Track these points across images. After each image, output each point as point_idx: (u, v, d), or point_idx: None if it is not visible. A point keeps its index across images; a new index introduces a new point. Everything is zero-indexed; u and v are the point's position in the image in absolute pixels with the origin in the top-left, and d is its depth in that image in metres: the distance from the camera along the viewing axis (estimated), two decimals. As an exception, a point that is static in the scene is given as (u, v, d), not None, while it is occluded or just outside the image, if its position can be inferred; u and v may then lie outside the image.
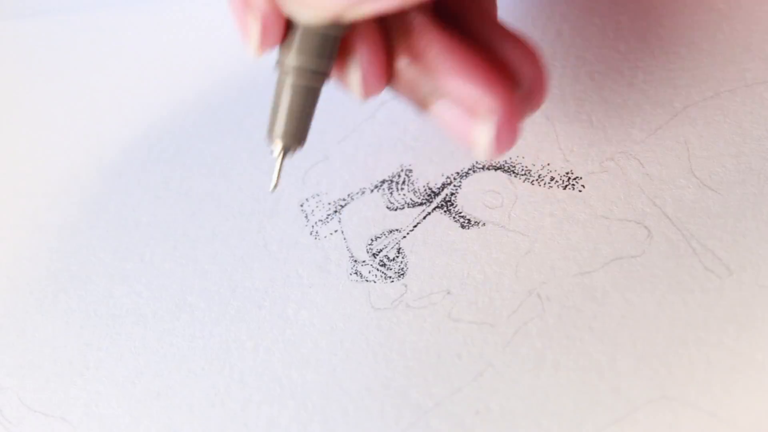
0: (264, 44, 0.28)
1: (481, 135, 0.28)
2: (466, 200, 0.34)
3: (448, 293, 0.31)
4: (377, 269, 0.33)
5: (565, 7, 0.38)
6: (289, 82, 0.28)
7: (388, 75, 0.30)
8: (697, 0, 0.36)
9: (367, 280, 0.33)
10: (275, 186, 0.30)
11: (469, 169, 0.35)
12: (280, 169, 0.30)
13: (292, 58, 0.28)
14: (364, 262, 0.33)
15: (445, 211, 0.34)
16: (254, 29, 0.28)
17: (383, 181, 0.36)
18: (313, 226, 0.35)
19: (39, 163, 0.42)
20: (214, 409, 0.30)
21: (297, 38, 0.28)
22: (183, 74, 0.45)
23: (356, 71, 0.29)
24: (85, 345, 0.33)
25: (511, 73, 0.30)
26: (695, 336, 0.28)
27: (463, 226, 0.33)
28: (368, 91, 0.30)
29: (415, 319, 0.31)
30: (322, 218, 0.35)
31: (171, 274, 0.35)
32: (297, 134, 0.29)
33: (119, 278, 0.35)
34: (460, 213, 0.34)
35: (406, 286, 0.32)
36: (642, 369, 0.28)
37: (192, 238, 0.36)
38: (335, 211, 0.35)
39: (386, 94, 0.31)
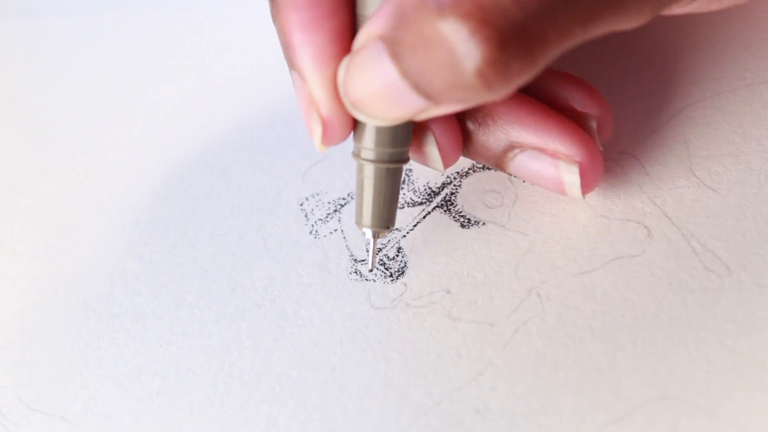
0: (326, 143, 0.28)
1: (571, 179, 0.29)
2: (466, 200, 0.34)
3: (448, 292, 0.31)
4: (377, 268, 0.33)
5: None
6: (368, 172, 0.29)
7: (462, 142, 0.30)
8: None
9: (366, 279, 0.32)
10: (372, 268, 0.32)
11: (469, 169, 0.35)
12: (374, 253, 0.31)
13: (369, 152, 0.28)
14: (364, 261, 0.33)
15: (445, 211, 0.34)
16: (316, 130, 0.28)
17: (383, 181, 0.36)
18: (312, 225, 0.35)
19: (39, 163, 0.42)
20: (213, 408, 0.30)
21: (370, 131, 0.28)
22: (183, 74, 0.45)
23: (433, 147, 0.30)
24: (84, 344, 0.33)
25: (578, 113, 0.30)
26: (695, 336, 0.28)
27: (463, 226, 0.33)
28: (448, 163, 0.30)
29: (414, 318, 0.31)
30: (322, 217, 0.35)
31: (170, 273, 0.35)
32: (385, 219, 0.30)
33: (119, 277, 0.35)
34: (460, 212, 0.34)
35: (405, 285, 0.32)
36: (642, 369, 0.28)
37: (191, 237, 0.36)
38: (335, 210, 0.35)
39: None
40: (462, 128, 0.30)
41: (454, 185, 0.34)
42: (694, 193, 0.32)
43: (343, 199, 0.36)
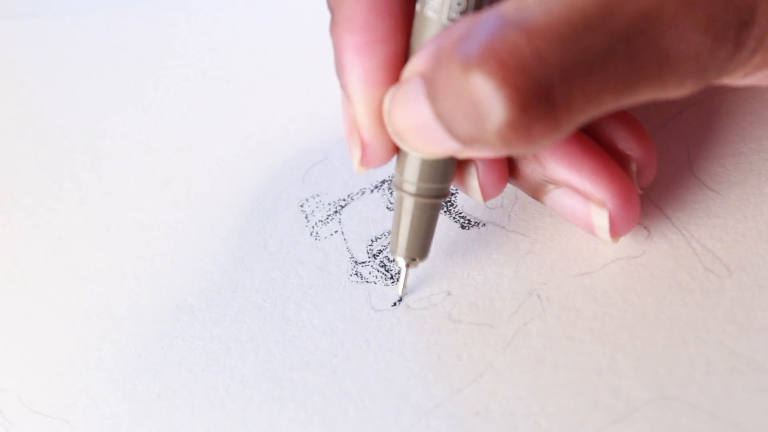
0: (365, 166, 0.28)
1: (600, 222, 0.29)
2: (466, 201, 0.34)
3: (448, 294, 0.31)
4: (377, 270, 0.33)
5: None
6: (408, 205, 0.29)
7: (506, 177, 0.30)
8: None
9: (367, 281, 0.33)
10: (402, 297, 0.32)
11: (469, 170, 0.35)
12: (405, 282, 0.31)
13: (410, 185, 0.28)
14: (364, 262, 0.33)
15: (445, 212, 0.34)
16: (356, 152, 0.28)
17: (383, 181, 0.36)
18: (313, 227, 0.35)
19: (39, 162, 0.42)
20: (214, 410, 0.30)
21: (413, 165, 0.28)
22: (183, 74, 0.45)
23: (474, 179, 0.30)
24: (85, 346, 0.33)
25: (620, 153, 0.30)
26: (695, 336, 0.28)
27: (463, 227, 0.33)
28: (487, 196, 0.30)
29: (415, 320, 0.31)
30: (322, 219, 0.35)
31: (171, 275, 0.35)
32: (419, 250, 0.30)
33: (119, 278, 0.35)
34: (460, 213, 0.34)
35: (406, 287, 0.32)
36: (642, 369, 0.28)
37: (192, 239, 0.36)
38: (335, 212, 0.35)
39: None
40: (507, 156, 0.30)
41: (454, 186, 0.34)
42: (694, 194, 0.32)
43: (344, 200, 0.36)
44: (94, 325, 0.34)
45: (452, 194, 0.34)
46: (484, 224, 0.33)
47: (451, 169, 0.28)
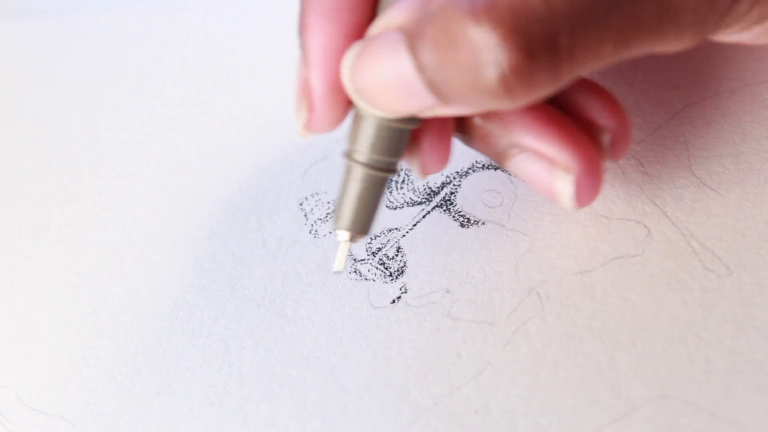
0: (309, 130, 0.28)
1: (563, 188, 0.28)
2: (465, 199, 0.34)
3: (448, 292, 0.31)
4: (376, 268, 0.33)
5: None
6: (357, 175, 0.28)
7: (448, 157, 0.30)
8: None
9: (366, 279, 0.32)
10: (340, 270, 0.30)
11: (469, 169, 0.35)
12: (343, 257, 0.30)
13: (362, 155, 0.28)
14: (363, 260, 0.33)
15: (444, 210, 0.34)
16: (302, 115, 0.28)
17: (383, 181, 0.36)
18: (312, 225, 0.35)
19: (39, 163, 0.42)
20: (212, 407, 0.30)
21: (366, 135, 0.27)
22: (183, 73, 0.45)
23: (417, 157, 0.29)
24: (83, 343, 0.33)
25: (590, 123, 0.29)
26: (695, 335, 0.28)
27: (462, 225, 0.33)
28: (428, 171, 0.30)
29: (414, 317, 0.31)
30: (322, 217, 0.35)
31: (170, 272, 0.35)
32: (364, 225, 0.29)
33: (118, 276, 0.35)
34: (460, 212, 0.34)
35: (405, 284, 0.32)
36: (641, 368, 0.28)
37: (191, 237, 0.36)
38: (335, 210, 0.35)
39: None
40: (467, 119, 0.30)
41: (454, 185, 0.34)
42: (694, 193, 0.32)
43: (343, 198, 0.36)
44: (93, 323, 0.34)
45: (452, 192, 0.34)
46: (483, 222, 0.33)
47: (404, 143, 0.28)
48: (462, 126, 0.30)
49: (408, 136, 0.28)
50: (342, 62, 0.26)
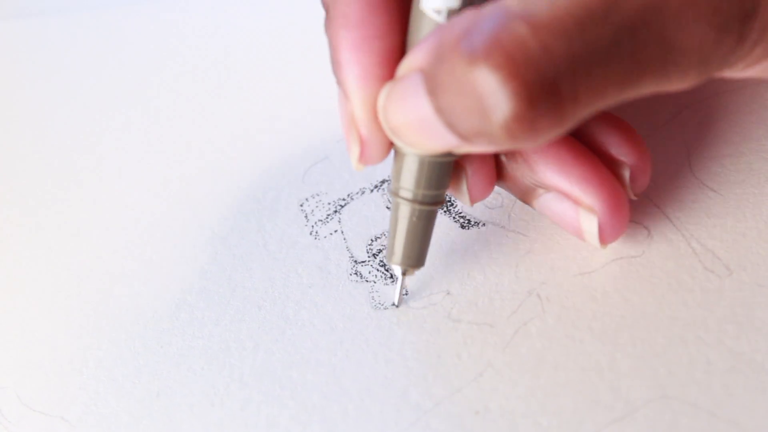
0: (363, 163, 0.28)
1: (589, 227, 0.29)
2: (465, 200, 0.34)
3: (448, 293, 0.31)
4: (377, 269, 0.33)
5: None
6: (405, 212, 0.28)
7: (493, 181, 0.30)
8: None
9: (367, 281, 0.32)
10: (398, 305, 0.31)
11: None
12: (401, 290, 0.31)
13: (407, 192, 0.28)
14: (364, 262, 0.33)
15: (444, 211, 0.34)
16: (354, 149, 0.28)
17: (383, 181, 0.36)
18: (312, 226, 0.35)
19: (39, 162, 0.42)
20: (213, 409, 0.30)
21: (410, 171, 0.27)
22: (183, 74, 0.45)
23: (463, 183, 0.29)
24: (84, 344, 0.33)
25: (613, 159, 0.29)
26: (695, 336, 0.28)
27: (462, 226, 0.33)
28: (474, 199, 0.30)
29: (415, 319, 0.31)
30: (322, 218, 0.35)
31: (170, 274, 0.35)
32: (417, 258, 0.30)
33: (119, 277, 0.35)
34: (460, 213, 0.34)
35: (405, 286, 0.32)
36: (642, 369, 0.28)
37: (191, 238, 0.36)
38: (335, 211, 0.35)
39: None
40: (496, 157, 0.30)
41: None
42: (694, 194, 0.32)
43: (343, 199, 0.36)
44: (94, 324, 0.34)
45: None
46: (484, 224, 0.33)
47: (448, 175, 0.28)
48: (493, 181, 0.30)
49: (450, 168, 0.28)
50: (378, 100, 0.26)
